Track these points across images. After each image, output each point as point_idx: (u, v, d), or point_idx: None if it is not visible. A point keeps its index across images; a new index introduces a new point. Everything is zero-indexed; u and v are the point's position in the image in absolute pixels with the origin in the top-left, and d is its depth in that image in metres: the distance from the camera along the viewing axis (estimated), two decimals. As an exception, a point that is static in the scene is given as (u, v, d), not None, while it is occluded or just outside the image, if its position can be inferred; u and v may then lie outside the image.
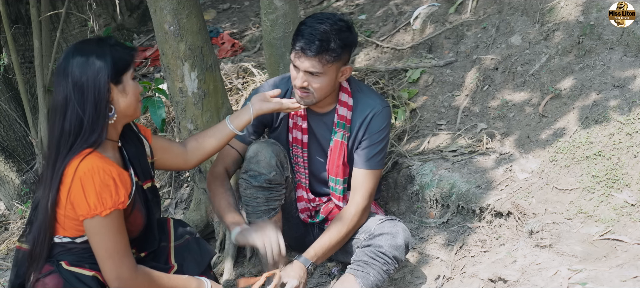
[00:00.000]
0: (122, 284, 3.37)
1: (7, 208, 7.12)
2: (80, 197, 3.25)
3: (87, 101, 3.30)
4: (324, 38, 3.97)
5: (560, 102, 4.97)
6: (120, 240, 3.36)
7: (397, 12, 6.97)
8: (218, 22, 8.52)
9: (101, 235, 3.31)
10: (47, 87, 6.53)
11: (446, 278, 4.35)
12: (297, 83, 4.08)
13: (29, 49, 7.45)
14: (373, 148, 4.28)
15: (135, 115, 3.56)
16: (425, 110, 5.68)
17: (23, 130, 7.14)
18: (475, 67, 5.72)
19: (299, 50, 4.00)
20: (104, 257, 3.34)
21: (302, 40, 3.97)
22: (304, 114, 4.35)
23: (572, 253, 3.97)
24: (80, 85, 3.30)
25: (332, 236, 4.20)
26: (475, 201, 4.57)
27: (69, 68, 3.33)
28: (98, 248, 3.33)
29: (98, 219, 3.28)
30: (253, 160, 4.19)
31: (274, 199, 4.24)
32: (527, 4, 5.77)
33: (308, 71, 4.03)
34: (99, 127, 3.33)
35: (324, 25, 4.00)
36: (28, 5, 6.83)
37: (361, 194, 4.28)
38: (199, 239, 3.87)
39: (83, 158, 3.26)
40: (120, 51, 3.42)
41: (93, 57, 3.33)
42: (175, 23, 4.55)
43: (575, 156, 4.49)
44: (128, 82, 3.44)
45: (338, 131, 4.31)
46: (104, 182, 3.26)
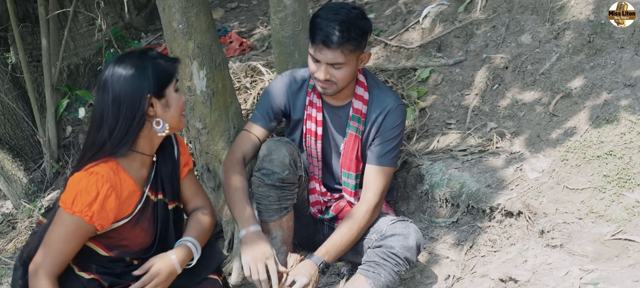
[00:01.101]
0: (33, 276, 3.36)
1: (15, 207, 7.11)
2: (68, 187, 3.31)
3: (121, 116, 3.31)
4: (343, 28, 3.97)
5: (571, 101, 4.95)
6: (64, 246, 3.36)
7: (406, 10, 6.95)
8: (226, 21, 8.51)
9: (54, 226, 3.35)
10: (54, 86, 6.52)
11: (456, 278, 4.32)
12: (320, 76, 4.09)
13: (36, 47, 7.44)
14: (386, 145, 4.27)
15: (179, 127, 3.58)
16: (435, 109, 5.66)
17: (30, 129, 7.13)
18: (485, 66, 5.70)
19: (320, 43, 4.00)
20: (44, 243, 3.36)
21: (322, 32, 3.98)
22: (319, 106, 4.35)
23: (584, 253, 3.95)
24: (118, 100, 3.32)
25: (344, 234, 4.18)
26: (485, 200, 4.55)
27: (109, 83, 3.35)
28: (48, 234, 3.36)
29: (61, 211, 3.33)
30: (266, 159, 4.18)
31: (286, 198, 4.22)
32: (538, 2, 5.75)
33: (330, 63, 4.03)
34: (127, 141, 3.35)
35: (341, 15, 4.00)
36: (36, 3, 6.82)
37: (373, 191, 4.26)
38: (210, 241, 3.85)
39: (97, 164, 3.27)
40: (162, 64, 3.43)
41: (133, 71, 3.34)
42: (183, 21, 4.54)
43: (586, 155, 4.47)
44: (171, 95, 3.46)
45: (353, 124, 4.31)
46: (87, 188, 3.29)
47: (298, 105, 4.43)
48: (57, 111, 6.57)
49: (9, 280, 5.73)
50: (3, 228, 6.87)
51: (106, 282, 3.45)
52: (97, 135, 3.35)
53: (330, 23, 3.97)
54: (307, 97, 4.42)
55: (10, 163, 7.00)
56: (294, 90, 4.42)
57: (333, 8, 4.05)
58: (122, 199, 3.40)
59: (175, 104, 3.49)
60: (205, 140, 4.88)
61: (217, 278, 3.80)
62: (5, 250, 6.42)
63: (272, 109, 4.39)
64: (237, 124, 4.87)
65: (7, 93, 6.96)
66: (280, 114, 4.45)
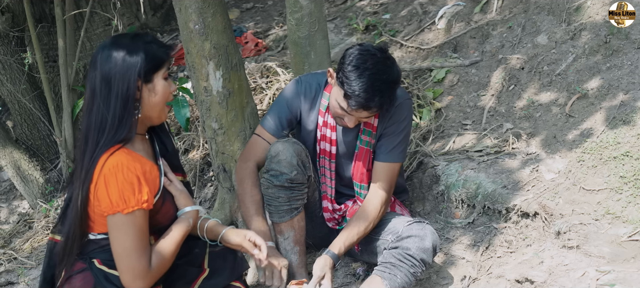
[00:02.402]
0: (140, 282, 3.35)
1: (31, 207, 7.13)
2: (103, 193, 3.24)
3: (112, 96, 3.29)
4: (384, 91, 3.97)
5: (587, 102, 4.94)
6: (140, 239, 3.33)
7: (422, 11, 6.95)
8: (242, 22, 8.52)
9: (121, 232, 3.29)
10: (71, 86, 6.54)
11: (472, 279, 4.32)
12: (349, 125, 4.12)
13: (53, 47, 7.46)
14: (393, 140, 4.29)
15: (160, 119, 3.53)
16: (451, 110, 5.66)
17: (47, 129, 7.15)
18: (501, 66, 5.69)
19: (358, 107, 3.97)
20: (121, 255, 3.31)
21: (361, 99, 3.94)
22: (333, 125, 4.35)
23: (600, 255, 3.94)
24: (108, 79, 3.29)
25: (356, 230, 4.22)
26: (501, 201, 4.54)
27: (99, 61, 3.32)
28: (116, 245, 3.31)
29: (119, 216, 3.26)
30: (274, 160, 4.18)
31: (296, 199, 4.22)
32: (554, 3, 5.74)
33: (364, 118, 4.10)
34: (127, 124, 3.32)
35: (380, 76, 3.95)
36: (52, 4, 6.84)
37: (382, 186, 4.29)
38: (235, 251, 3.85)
39: (111, 155, 3.25)
40: (155, 48, 3.39)
41: (124, 51, 3.31)
42: (200, 22, 4.55)
43: (603, 156, 4.45)
44: (159, 82, 3.41)
45: (364, 138, 4.31)
46: (128, 179, 3.25)
47: (311, 117, 4.42)
48: (73, 111, 6.59)
49: (26, 280, 5.77)
50: (20, 228, 6.90)
51: None
52: (90, 115, 3.32)
53: (369, 89, 3.92)
54: (320, 118, 4.40)
55: (26, 164, 7.03)
56: (308, 100, 4.40)
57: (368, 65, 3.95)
58: (150, 177, 3.38)
59: (162, 92, 3.43)
60: (221, 141, 4.88)
61: (240, 285, 3.79)
62: (22, 250, 6.45)
63: (286, 118, 4.38)
64: (253, 124, 4.88)
65: (24, 93, 6.98)
66: (293, 122, 4.45)
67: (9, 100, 7.20)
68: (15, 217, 7.20)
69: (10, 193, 7.62)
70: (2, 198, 7.61)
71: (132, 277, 3.33)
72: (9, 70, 6.90)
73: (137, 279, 3.34)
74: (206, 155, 6.29)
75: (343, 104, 4.02)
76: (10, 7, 6.70)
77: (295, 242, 4.31)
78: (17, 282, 5.92)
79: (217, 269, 3.70)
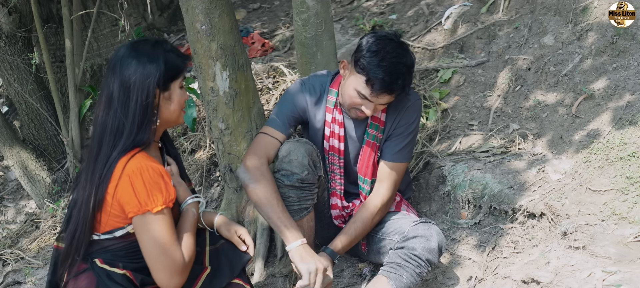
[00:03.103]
0: (177, 278, 3.37)
1: (38, 206, 7.15)
2: (129, 194, 3.25)
3: (131, 103, 3.31)
4: (406, 74, 4.03)
5: (594, 103, 4.94)
6: (173, 236, 3.35)
7: (428, 11, 6.95)
8: (248, 22, 8.54)
9: (153, 231, 3.29)
10: (78, 86, 6.55)
11: (478, 279, 4.32)
12: (368, 112, 4.11)
13: (60, 48, 7.48)
14: (401, 140, 4.30)
15: (177, 122, 3.58)
16: (457, 110, 5.66)
17: (54, 129, 7.17)
18: (507, 67, 5.69)
19: (381, 90, 3.99)
20: (156, 254, 3.31)
21: (385, 82, 3.96)
22: (341, 121, 4.35)
23: (606, 255, 3.94)
24: (127, 85, 3.31)
25: (358, 228, 4.25)
26: (507, 202, 4.54)
27: (119, 66, 3.35)
28: (149, 244, 3.32)
29: (149, 215, 3.27)
30: (285, 160, 4.18)
31: (306, 199, 4.22)
32: (560, 3, 5.73)
33: (384, 103, 4.10)
34: (147, 130, 3.35)
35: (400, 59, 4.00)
36: (59, 4, 6.85)
37: (386, 186, 4.30)
38: (233, 245, 3.85)
39: (131, 158, 3.26)
40: (174, 58, 3.43)
41: (145, 59, 3.34)
42: (207, 22, 4.55)
43: (609, 157, 4.45)
44: (175, 90, 3.45)
45: (371, 132, 4.31)
46: (153, 179, 3.26)
47: (318, 116, 4.42)
48: (80, 111, 6.60)
49: (33, 279, 5.79)
50: (27, 228, 6.92)
51: (137, 279, 3.44)
52: (107, 118, 3.33)
53: (393, 72, 3.96)
54: (328, 114, 4.40)
55: (33, 163, 7.04)
56: (313, 100, 4.40)
57: (388, 50, 4.00)
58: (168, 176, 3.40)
59: (178, 99, 3.48)
60: (227, 141, 4.89)
61: (242, 283, 3.79)
62: (29, 250, 6.46)
63: (293, 117, 4.37)
64: (260, 124, 4.88)
65: (31, 93, 7.00)
66: (300, 121, 4.45)
67: (16, 100, 7.22)
68: (23, 216, 7.22)
69: (17, 193, 7.63)
70: (9, 198, 7.63)
71: (170, 274, 3.34)
72: (16, 70, 6.92)
73: (174, 276, 3.35)
74: (213, 155, 6.30)
75: (365, 90, 4.02)
76: (17, 8, 6.71)
77: None
78: (24, 281, 5.94)
79: (218, 267, 3.71)
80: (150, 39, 3.52)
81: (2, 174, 7.86)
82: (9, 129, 7.07)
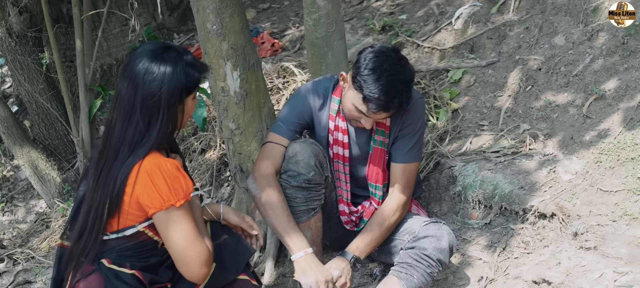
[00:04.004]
0: (206, 268, 3.39)
1: (49, 206, 7.16)
2: (150, 191, 3.25)
3: (154, 119, 3.30)
4: (403, 92, 3.99)
5: (605, 103, 4.93)
6: (196, 227, 3.37)
7: (439, 12, 6.94)
8: (258, 22, 8.54)
9: (179, 225, 3.30)
10: (88, 86, 6.56)
11: (489, 279, 4.32)
12: (366, 126, 4.12)
13: (70, 47, 7.50)
14: (409, 141, 4.29)
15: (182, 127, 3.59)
16: (467, 110, 5.66)
17: (64, 128, 7.18)
18: (517, 67, 5.68)
19: (377, 109, 3.99)
20: (184, 246, 3.32)
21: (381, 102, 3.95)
22: (344, 129, 4.35)
23: (618, 256, 3.93)
24: (150, 102, 3.29)
25: (374, 232, 4.22)
26: (518, 202, 4.54)
27: (141, 77, 3.31)
28: (176, 238, 3.32)
29: (173, 210, 3.29)
30: (292, 160, 4.18)
31: (313, 199, 4.22)
32: (571, 4, 5.72)
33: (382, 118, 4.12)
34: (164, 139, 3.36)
35: (397, 77, 3.98)
36: (69, 4, 6.87)
37: (400, 188, 4.29)
38: (238, 238, 3.85)
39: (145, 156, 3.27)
40: (194, 73, 3.40)
41: (168, 73, 3.31)
42: (217, 22, 4.56)
43: (620, 157, 4.44)
44: (188, 102, 3.44)
45: (377, 138, 4.31)
46: (173, 173, 3.27)
47: (322, 122, 4.42)
48: (90, 111, 6.61)
49: (43, 279, 5.80)
50: (37, 227, 6.94)
51: (146, 279, 3.44)
52: (128, 128, 3.32)
53: (389, 91, 3.94)
54: (331, 122, 4.40)
55: (44, 163, 7.06)
56: (317, 106, 4.40)
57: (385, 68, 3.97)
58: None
59: (188, 111, 3.48)
60: (238, 141, 4.89)
61: (247, 278, 3.79)
62: (39, 249, 6.48)
63: (299, 123, 4.38)
64: (270, 124, 4.88)
65: (41, 93, 7.02)
66: (305, 126, 4.45)
67: (26, 100, 7.24)
68: (33, 216, 7.24)
69: (27, 192, 7.65)
70: (19, 197, 7.65)
71: (200, 264, 3.35)
72: (27, 70, 6.94)
73: (203, 266, 3.36)
74: (223, 155, 6.30)
75: (362, 107, 4.02)
76: (28, 8, 6.73)
77: (312, 242, 4.30)
78: (35, 280, 5.95)
79: (221, 263, 3.71)
80: (172, 47, 3.46)
81: (13, 174, 7.89)
82: (20, 129, 7.09)
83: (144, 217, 3.36)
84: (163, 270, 3.49)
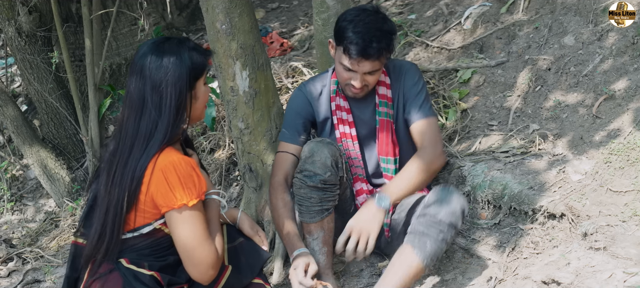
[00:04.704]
0: (212, 271, 3.40)
1: (58, 205, 7.17)
2: (164, 188, 3.27)
3: (164, 105, 3.32)
4: (380, 38, 4.05)
5: (614, 103, 4.92)
6: (206, 228, 3.38)
7: (448, 11, 6.93)
8: (267, 22, 8.54)
9: (190, 224, 3.31)
10: (97, 85, 6.57)
11: (498, 279, 4.31)
12: (356, 85, 4.17)
13: (79, 47, 7.51)
14: (418, 98, 4.36)
15: (201, 118, 3.60)
16: (477, 110, 5.65)
17: (74, 128, 7.19)
18: (527, 67, 5.67)
19: (358, 56, 4.05)
20: (192, 247, 3.33)
21: (360, 46, 4.03)
22: (347, 108, 4.38)
23: (627, 256, 3.92)
24: (159, 89, 3.32)
25: (412, 172, 4.19)
26: (527, 202, 4.53)
27: (148, 68, 3.35)
28: (186, 237, 3.33)
29: (186, 210, 3.30)
30: (309, 160, 4.19)
31: (327, 200, 4.23)
32: (581, 4, 5.71)
33: (367, 72, 4.08)
34: (177, 129, 3.37)
35: (373, 25, 4.08)
36: (79, 4, 6.88)
37: (429, 139, 4.29)
38: (252, 243, 3.86)
39: (160, 153, 3.28)
40: (198, 56, 3.43)
41: (173, 59, 3.34)
42: (227, 22, 4.56)
43: (630, 158, 4.43)
44: (200, 88, 3.47)
45: (382, 110, 4.34)
46: (187, 172, 3.29)
47: (322, 109, 4.49)
48: (99, 110, 6.62)
49: (53, 278, 5.81)
50: (46, 227, 6.95)
51: (165, 280, 3.44)
52: (141, 122, 3.33)
53: (365, 36, 4.03)
54: (332, 103, 4.45)
55: (53, 162, 7.07)
56: (314, 98, 4.47)
57: (361, 18, 4.10)
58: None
59: (202, 96, 3.51)
60: (247, 141, 4.90)
61: (262, 282, 3.80)
62: (48, 248, 6.49)
63: (302, 124, 4.44)
64: (280, 124, 4.89)
65: (50, 92, 7.03)
66: (309, 125, 4.49)
67: (36, 99, 7.25)
68: (42, 215, 7.25)
69: (36, 191, 7.66)
70: (28, 196, 7.66)
71: (206, 266, 3.37)
72: (36, 69, 6.94)
73: (209, 269, 3.38)
74: (232, 154, 6.30)
75: (345, 60, 4.12)
76: (37, 7, 6.74)
77: (324, 242, 4.31)
78: (44, 279, 5.96)
79: (237, 265, 3.72)
80: (172, 38, 3.51)
81: (22, 173, 7.90)
82: (29, 128, 7.10)
83: (160, 215, 3.38)
84: (181, 270, 3.49)
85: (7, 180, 7.68)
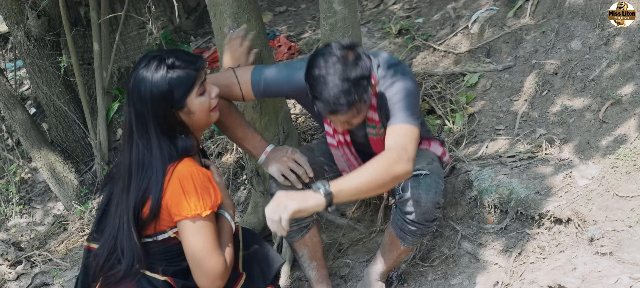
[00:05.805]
0: (219, 282, 3.41)
1: (66, 208, 7.19)
2: (180, 198, 3.29)
3: (150, 131, 3.35)
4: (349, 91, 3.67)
5: (621, 108, 4.92)
6: (217, 239, 3.41)
7: (455, 16, 6.94)
8: (274, 25, 8.54)
9: (201, 234, 3.34)
10: (106, 89, 6.60)
11: (505, 284, 4.32)
12: (339, 130, 4.02)
13: (87, 50, 7.52)
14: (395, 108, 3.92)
15: (209, 124, 3.61)
16: (483, 114, 5.66)
17: (82, 131, 7.21)
18: (534, 71, 5.68)
19: (329, 114, 3.77)
20: (201, 257, 3.35)
21: (328, 105, 3.70)
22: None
23: (634, 261, 3.93)
24: (142, 116, 3.36)
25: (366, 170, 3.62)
26: (534, 207, 4.53)
27: (132, 96, 3.39)
28: (196, 247, 3.35)
29: (199, 220, 3.33)
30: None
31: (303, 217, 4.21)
32: (587, 8, 5.71)
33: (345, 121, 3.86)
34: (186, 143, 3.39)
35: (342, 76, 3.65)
36: (87, 8, 6.90)
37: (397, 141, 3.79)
38: (268, 248, 3.87)
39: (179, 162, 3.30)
40: (179, 74, 3.39)
41: (149, 86, 3.35)
42: (234, 26, 4.57)
43: (637, 163, 4.44)
44: (192, 102, 3.44)
45: (371, 131, 4.28)
46: (204, 183, 3.32)
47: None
48: (108, 114, 6.65)
49: (61, 281, 5.82)
50: (55, 230, 6.96)
51: (178, 285, 3.46)
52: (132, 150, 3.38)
53: (332, 93, 3.65)
54: (327, 126, 4.33)
55: (61, 166, 7.08)
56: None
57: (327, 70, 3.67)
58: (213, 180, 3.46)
59: (199, 108, 3.48)
60: (255, 145, 4.91)
61: None
62: (57, 251, 6.50)
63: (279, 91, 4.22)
64: (287, 128, 4.90)
65: (59, 96, 7.04)
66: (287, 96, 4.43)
67: (44, 103, 7.27)
68: (50, 218, 7.26)
69: (45, 194, 7.68)
70: (37, 199, 7.67)
71: (213, 277, 3.39)
72: (45, 73, 6.96)
73: (217, 279, 3.40)
74: (239, 158, 6.32)
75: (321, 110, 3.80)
76: (46, 11, 6.76)
77: (311, 258, 4.32)
78: (52, 283, 5.98)
79: (250, 273, 3.73)
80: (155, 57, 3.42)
81: (31, 176, 7.92)
82: (37, 131, 7.12)
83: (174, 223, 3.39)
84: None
85: (16, 183, 7.69)
